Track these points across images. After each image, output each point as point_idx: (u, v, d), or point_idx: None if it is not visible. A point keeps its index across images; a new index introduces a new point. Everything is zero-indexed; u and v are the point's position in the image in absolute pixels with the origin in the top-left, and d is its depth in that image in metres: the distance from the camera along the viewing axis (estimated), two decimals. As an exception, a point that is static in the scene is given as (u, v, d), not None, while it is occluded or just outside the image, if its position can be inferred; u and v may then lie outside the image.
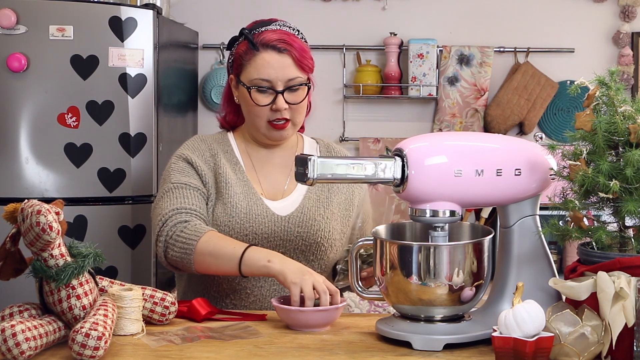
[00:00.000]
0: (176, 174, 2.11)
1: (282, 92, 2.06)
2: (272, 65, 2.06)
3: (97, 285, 1.70)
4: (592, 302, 1.52)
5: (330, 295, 1.82)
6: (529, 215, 1.74)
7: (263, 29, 2.10)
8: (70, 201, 3.13)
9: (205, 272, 2.01)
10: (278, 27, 2.11)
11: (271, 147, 2.18)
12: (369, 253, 2.00)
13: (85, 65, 3.24)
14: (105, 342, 1.53)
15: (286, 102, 2.06)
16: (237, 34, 2.17)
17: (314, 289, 1.81)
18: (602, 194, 1.55)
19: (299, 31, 2.14)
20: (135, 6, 3.38)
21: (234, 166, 2.14)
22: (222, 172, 2.11)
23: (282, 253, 2.07)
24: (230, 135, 2.21)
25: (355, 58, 4.32)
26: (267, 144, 2.16)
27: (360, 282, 1.82)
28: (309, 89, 2.11)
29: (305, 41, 2.15)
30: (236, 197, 2.09)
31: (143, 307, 1.78)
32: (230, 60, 2.16)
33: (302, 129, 2.26)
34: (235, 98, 2.16)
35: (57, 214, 1.59)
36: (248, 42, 2.09)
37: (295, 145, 2.21)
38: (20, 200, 1.66)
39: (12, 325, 1.51)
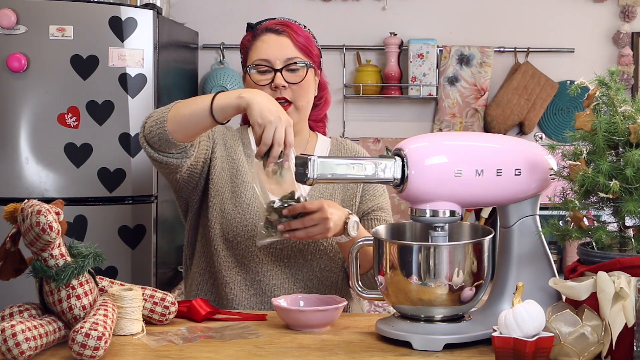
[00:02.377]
0: None
1: (280, 70, 2.08)
2: (270, 46, 2.10)
3: (97, 285, 1.70)
4: (592, 302, 1.52)
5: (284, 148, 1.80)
6: (529, 215, 1.74)
7: (266, 21, 2.17)
8: (70, 201, 3.13)
9: (180, 131, 1.91)
10: (281, 19, 2.16)
11: None
12: (285, 204, 1.91)
13: (85, 65, 3.24)
14: (105, 342, 1.53)
15: (285, 81, 2.07)
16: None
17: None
18: (602, 194, 1.55)
19: (304, 26, 2.18)
20: (135, 6, 3.38)
21: (248, 158, 2.18)
22: (236, 158, 2.16)
23: (280, 249, 2.09)
24: (250, 130, 2.24)
25: (355, 58, 4.32)
26: None
27: (359, 282, 1.82)
28: (308, 68, 2.11)
29: (313, 37, 2.17)
30: (243, 186, 2.12)
31: (143, 307, 1.78)
32: (241, 58, 2.20)
33: (322, 130, 2.28)
34: None
35: (57, 214, 1.59)
36: (250, 30, 2.15)
37: (307, 143, 2.22)
38: (20, 200, 1.66)
39: (12, 325, 1.51)
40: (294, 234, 1.91)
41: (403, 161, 1.63)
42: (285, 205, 1.92)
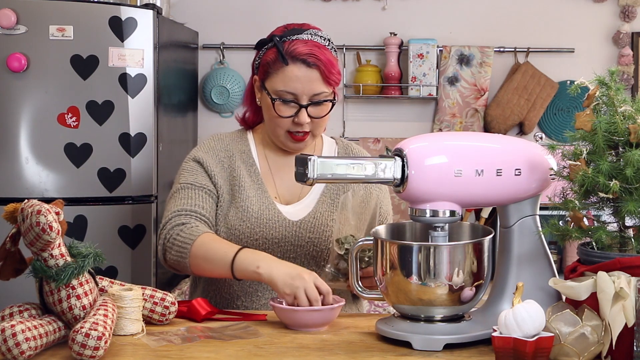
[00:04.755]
0: (185, 174, 2.12)
1: (305, 107, 2.04)
2: (300, 79, 2.02)
3: (97, 285, 1.70)
4: (592, 302, 1.52)
5: (322, 296, 1.82)
6: (529, 215, 1.74)
7: (294, 37, 2.05)
8: (70, 201, 3.13)
9: (202, 275, 2.05)
10: (309, 37, 2.06)
11: (289, 153, 2.16)
12: (365, 253, 1.95)
13: (85, 65, 3.24)
14: (105, 342, 1.53)
15: (309, 115, 2.04)
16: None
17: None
18: (602, 194, 1.55)
19: (329, 40, 2.10)
20: (135, 6, 3.38)
21: (249, 168, 2.14)
22: (236, 175, 2.12)
23: (293, 258, 2.08)
24: (249, 134, 2.21)
25: (355, 58, 4.32)
26: (285, 150, 2.16)
27: (360, 282, 1.82)
28: (332, 104, 2.08)
29: (335, 51, 2.11)
30: (248, 201, 2.09)
31: (143, 307, 1.78)
32: (256, 62, 2.12)
33: (324, 129, 2.26)
34: (257, 100, 2.14)
35: (57, 214, 1.59)
36: (278, 52, 2.04)
37: (314, 146, 2.20)
38: (20, 200, 1.66)
39: (12, 325, 1.51)
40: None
41: (403, 161, 1.63)
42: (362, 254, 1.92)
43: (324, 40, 2.08)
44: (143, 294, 1.79)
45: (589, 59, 4.29)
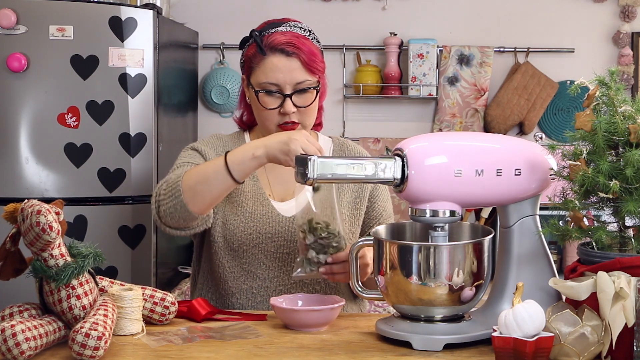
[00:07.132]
0: (182, 159, 2.12)
1: (289, 96, 2.04)
2: (280, 69, 2.04)
3: (97, 285, 1.70)
4: (592, 302, 1.52)
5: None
6: (529, 215, 1.74)
7: (272, 30, 2.08)
8: (70, 201, 3.13)
9: (202, 206, 1.95)
10: (288, 29, 2.08)
11: None
12: (324, 243, 1.91)
13: (85, 65, 3.24)
14: (105, 342, 1.53)
15: (294, 105, 2.05)
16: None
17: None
18: (602, 194, 1.55)
19: (310, 31, 2.12)
20: (135, 6, 3.38)
21: None
22: None
23: (287, 254, 2.08)
24: (246, 135, 2.22)
25: (355, 58, 4.32)
26: None
27: (359, 282, 1.82)
28: (317, 91, 2.09)
29: (318, 41, 2.12)
30: (243, 196, 2.10)
31: (143, 307, 1.78)
32: (241, 61, 2.15)
33: (320, 126, 2.25)
34: (247, 98, 2.16)
35: (57, 214, 1.60)
36: (257, 45, 2.07)
37: None
38: (20, 200, 1.66)
39: (12, 325, 1.51)
40: (334, 277, 1.91)
41: (403, 161, 1.63)
42: (323, 243, 1.90)
43: (304, 31, 2.10)
44: (143, 294, 1.79)
45: (589, 59, 4.29)
